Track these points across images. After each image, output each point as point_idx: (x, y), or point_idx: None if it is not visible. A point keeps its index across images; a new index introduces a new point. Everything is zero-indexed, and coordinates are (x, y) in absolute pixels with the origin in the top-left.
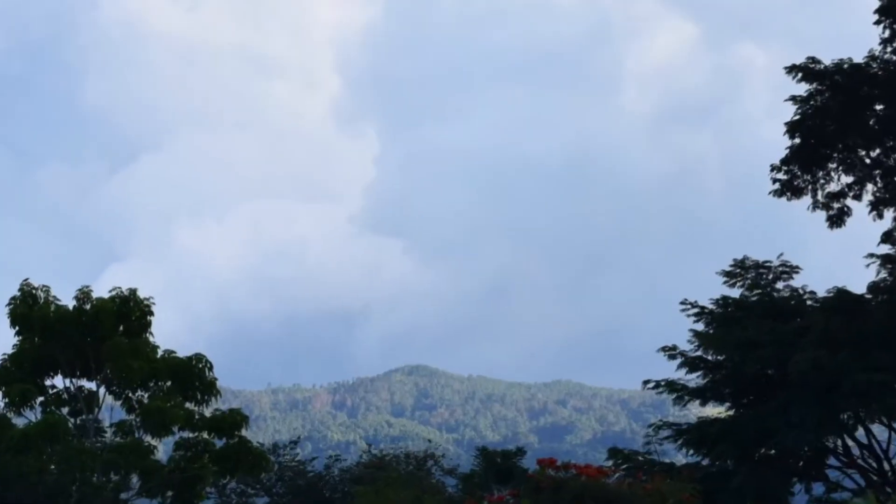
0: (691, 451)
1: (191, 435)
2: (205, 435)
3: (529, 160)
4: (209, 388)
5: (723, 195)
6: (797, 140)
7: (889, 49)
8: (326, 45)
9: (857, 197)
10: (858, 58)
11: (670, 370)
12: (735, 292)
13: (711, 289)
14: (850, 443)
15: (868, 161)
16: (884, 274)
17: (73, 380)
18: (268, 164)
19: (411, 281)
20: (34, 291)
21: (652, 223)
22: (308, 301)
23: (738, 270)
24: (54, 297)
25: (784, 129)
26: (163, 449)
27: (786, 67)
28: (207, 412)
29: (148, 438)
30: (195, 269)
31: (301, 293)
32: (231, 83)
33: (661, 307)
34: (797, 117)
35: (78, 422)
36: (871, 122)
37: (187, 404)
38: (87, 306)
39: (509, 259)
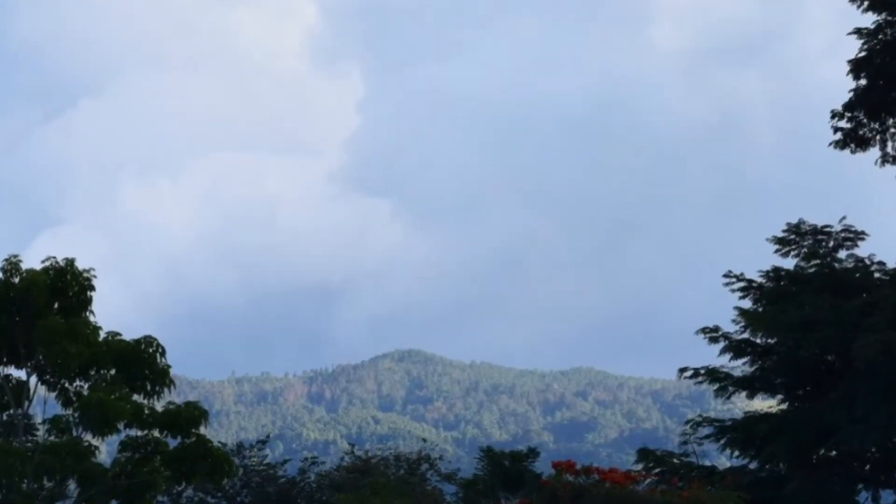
0: (736, 453)
1: (139, 433)
2: (156, 433)
3: (545, 107)
4: (161, 378)
5: (774, 148)
6: (863, 81)
7: None
8: None
9: None
10: None
11: (711, 356)
12: (789, 263)
13: (761, 259)
14: None
15: None
16: None
17: None
18: (230, 110)
19: (403, 250)
20: None
21: (690, 181)
22: (279, 274)
23: (792, 237)
24: None
25: (847, 67)
26: (106, 450)
27: None
28: (159, 406)
29: (88, 437)
30: (144, 235)
31: (271, 264)
32: (186, 14)
33: (700, 281)
34: (863, 54)
35: (4, 417)
36: None
37: (135, 396)
38: (16, 279)
39: (521, 224)
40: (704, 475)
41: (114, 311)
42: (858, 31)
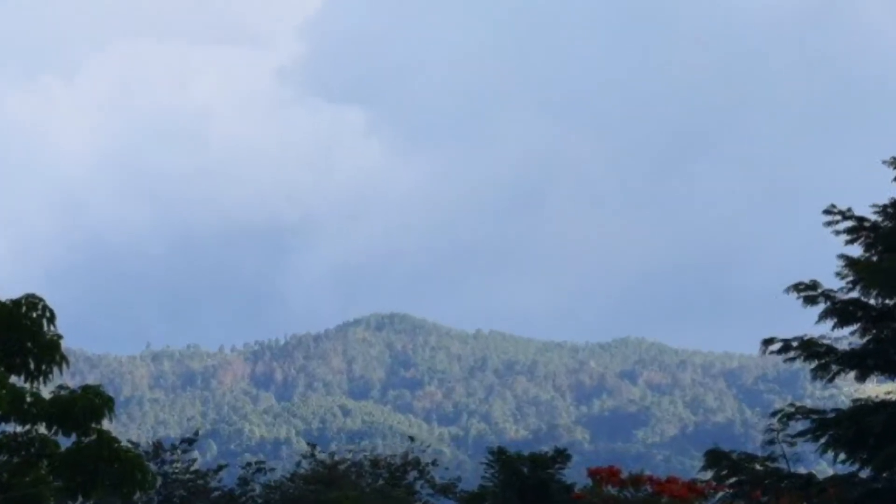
0: (842, 455)
1: (19, 429)
2: (42, 429)
3: None
4: (49, 353)
5: (891, 34)
6: None
7: None
8: None
9: None
10: None
11: (807, 322)
12: None
13: (876, 189)
14: None
15: None
16: None
17: None
18: None
19: (383, 178)
20: None
21: (777, 84)
22: (211, 210)
23: None
24: None
25: None
26: None
27: None
28: (46, 391)
29: None
30: (28, 155)
31: (200, 197)
32: None
33: (791, 219)
34: None
35: None
36: None
37: (12, 378)
38: None
39: (544, 143)
40: (798, 486)
41: None
42: None
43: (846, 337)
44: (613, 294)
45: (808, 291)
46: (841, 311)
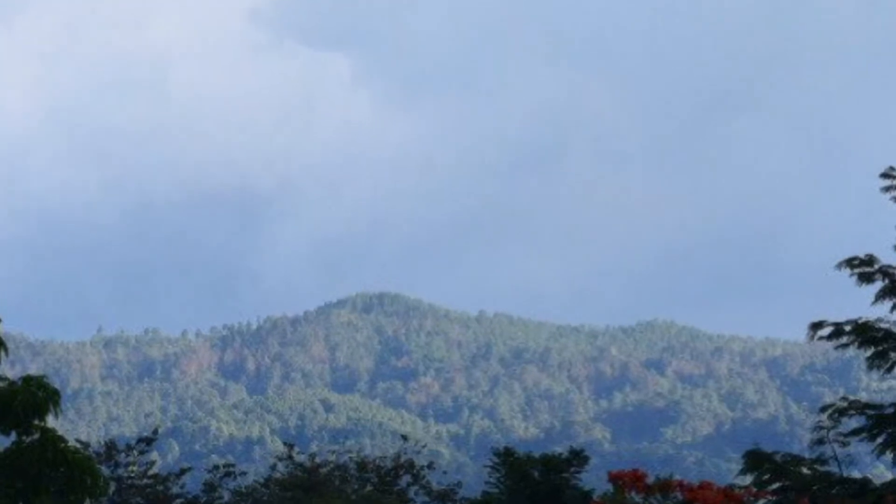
0: None
1: None
2: None
3: None
4: None
5: None
6: None
7: None
8: None
9: None
10: None
11: (863, 303)
12: None
13: None
14: None
15: None
16: None
17: None
18: None
19: (371, 135)
20: None
21: (828, 25)
22: (173, 173)
23: None
24: None
25: None
26: None
27: None
28: None
29: None
30: None
31: (159, 158)
32: None
33: (842, 183)
34: None
35: None
36: None
37: None
38: None
39: (559, 94)
40: (852, 493)
41: None
42: None
43: None
44: (638, 271)
45: (864, 267)
46: None
